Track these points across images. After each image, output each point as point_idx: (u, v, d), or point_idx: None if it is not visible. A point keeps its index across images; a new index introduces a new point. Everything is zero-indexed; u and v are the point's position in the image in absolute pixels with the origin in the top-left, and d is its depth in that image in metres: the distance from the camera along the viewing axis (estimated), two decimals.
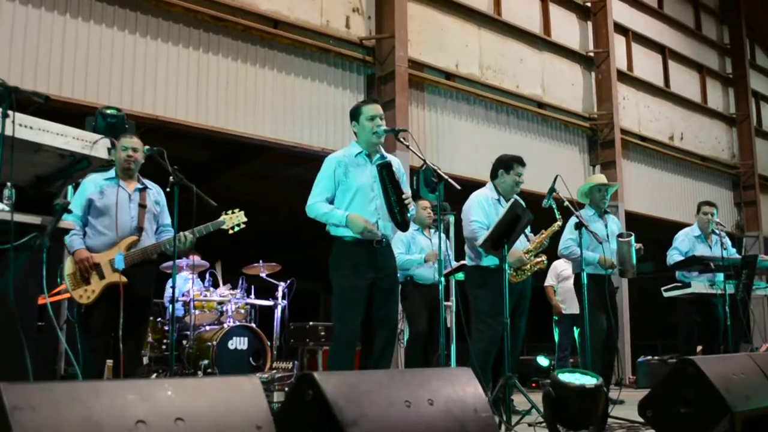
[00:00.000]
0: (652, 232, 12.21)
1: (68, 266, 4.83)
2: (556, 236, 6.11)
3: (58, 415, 1.66)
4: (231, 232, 5.30)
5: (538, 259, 5.62)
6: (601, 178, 7.24)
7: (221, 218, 5.28)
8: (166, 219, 5.20)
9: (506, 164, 5.77)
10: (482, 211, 5.61)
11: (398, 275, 6.86)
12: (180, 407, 1.90)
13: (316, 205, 4.71)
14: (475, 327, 5.54)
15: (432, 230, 7.07)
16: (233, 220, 5.32)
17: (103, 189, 4.89)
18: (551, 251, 6.16)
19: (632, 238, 6.38)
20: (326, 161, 4.83)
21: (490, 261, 5.49)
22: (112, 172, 4.97)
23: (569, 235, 6.47)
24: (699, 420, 3.67)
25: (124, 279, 4.75)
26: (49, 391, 1.70)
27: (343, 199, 4.70)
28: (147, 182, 5.19)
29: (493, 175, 5.85)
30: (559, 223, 5.67)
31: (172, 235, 4.84)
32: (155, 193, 5.20)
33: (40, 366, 5.83)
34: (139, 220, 4.98)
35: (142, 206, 5.02)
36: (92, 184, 4.94)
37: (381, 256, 4.70)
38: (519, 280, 5.52)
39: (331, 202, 4.73)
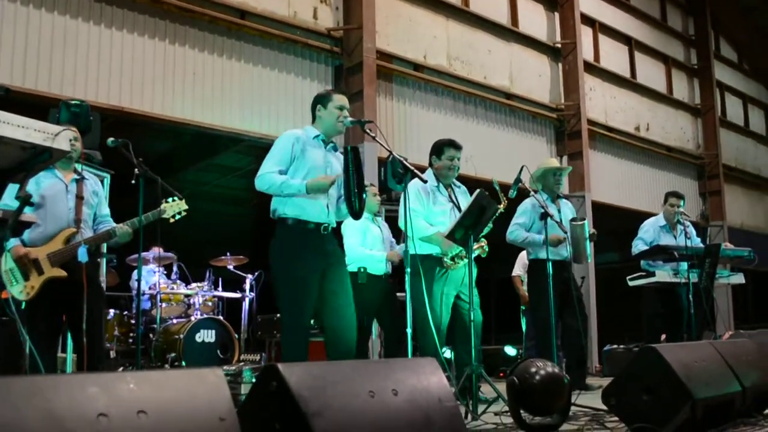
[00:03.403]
0: (619, 222, 12.35)
1: (4, 262, 4.59)
2: (505, 221, 6.02)
3: (17, 410, 1.65)
4: (172, 220, 5.04)
5: (477, 245, 5.52)
6: (554, 162, 7.18)
7: (161, 206, 5.01)
8: (104, 209, 5.02)
9: (437, 149, 5.69)
10: (418, 200, 5.49)
11: (351, 265, 6.83)
12: (142, 400, 1.89)
13: (268, 175, 4.57)
14: (420, 316, 5.24)
15: (379, 217, 7.03)
16: (174, 208, 5.05)
17: (40, 181, 4.63)
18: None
19: (585, 222, 6.36)
20: (284, 135, 4.74)
21: (429, 249, 5.42)
22: None
23: (515, 220, 6.47)
24: (661, 407, 3.73)
25: (63, 273, 4.57)
26: (7, 386, 1.68)
27: (295, 176, 4.60)
28: (85, 172, 4.96)
29: (430, 162, 5.76)
30: (503, 206, 5.48)
31: (111, 226, 4.75)
32: (93, 183, 4.99)
33: (4, 361, 5.78)
34: (76, 212, 4.76)
35: (79, 197, 4.81)
36: None
37: (328, 242, 4.67)
38: (456, 268, 5.40)
39: None
